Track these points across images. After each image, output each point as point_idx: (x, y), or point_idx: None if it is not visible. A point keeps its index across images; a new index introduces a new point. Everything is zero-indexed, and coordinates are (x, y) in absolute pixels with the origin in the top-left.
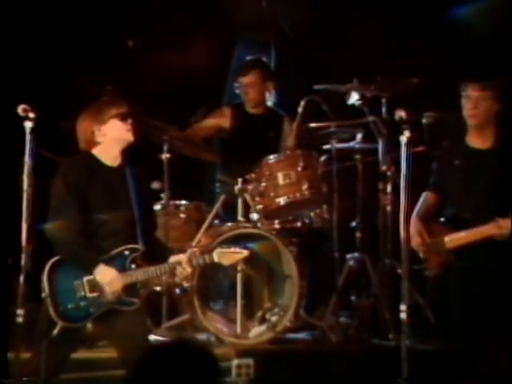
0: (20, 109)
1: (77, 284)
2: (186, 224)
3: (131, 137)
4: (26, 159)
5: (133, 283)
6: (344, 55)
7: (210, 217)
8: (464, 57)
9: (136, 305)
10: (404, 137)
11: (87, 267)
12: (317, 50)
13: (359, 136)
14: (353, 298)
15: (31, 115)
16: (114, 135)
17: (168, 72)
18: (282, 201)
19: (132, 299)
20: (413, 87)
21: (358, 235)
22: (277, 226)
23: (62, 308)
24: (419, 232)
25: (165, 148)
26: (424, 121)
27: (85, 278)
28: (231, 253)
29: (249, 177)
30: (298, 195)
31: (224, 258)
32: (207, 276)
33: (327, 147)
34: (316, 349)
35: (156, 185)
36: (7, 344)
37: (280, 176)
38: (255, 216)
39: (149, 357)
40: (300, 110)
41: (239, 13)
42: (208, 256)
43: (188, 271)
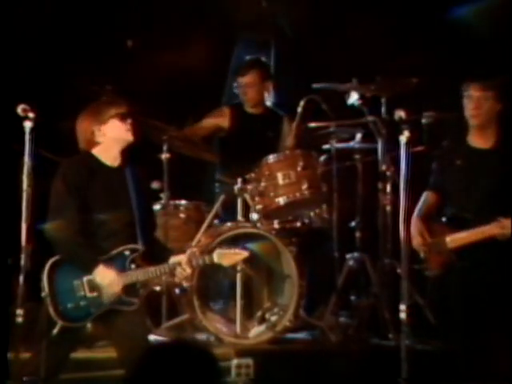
0: (19, 109)
1: (77, 284)
2: (186, 224)
3: (131, 137)
4: (26, 159)
5: (132, 283)
6: (343, 55)
7: (210, 217)
8: (464, 57)
9: (136, 305)
10: (403, 137)
11: (87, 267)
12: (316, 50)
13: (359, 136)
14: (352, 298)
15: (31, 115)
16: (114, 135)
17: (167, 72)
18: (282, 201)
19: (132, 299)
20: (412, 87)
21: (358, 235)
22: (276, 226)
23: (62, 307)
24: (420, 232)
25: (164, 148)
26: (423, 121)
27: (85, 278)
28: (231, 254)
29: (248, 177)
30: (298, 195)
31: (224, 259)
32: (207, 276)
33: (327, 147)
34: (316, 349)
35: (156, 185)
36: (7, 344)
37: (280, 176)
38: (255, 216)
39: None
40: (299, 110)
41: (239, 13)
42: (208, 257)
43: (188, 272)
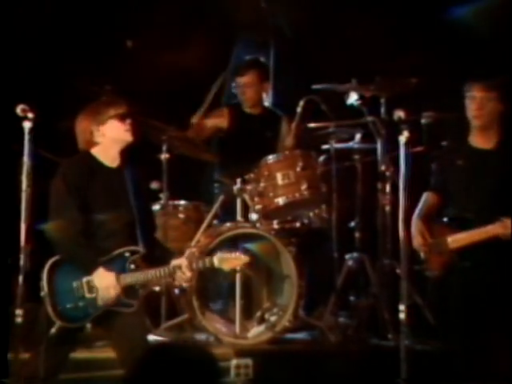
0: (19, 109)
1: (76, 284)
2: (185, 224)
3: (130, 137)
4: (25, 159)
5: (132, 285)
6: (343, 55)
7: (209, 217)
8: (463, 57)
9: (134, 307)
10: (403, 137)
11: (87, 268)
12: (316, 50)
13: (358, 136)
14: (352, 298)
15: (30, 115)
16: (113, 135)
17: (167, 72)
18: (281, 201)
19: (130, 301)
20: (411, 87)
21: (357, 235)
22: (276, 226)
23: (61, 308)
24: (421, 232)
25: (164, 148)
26: (423, 121)
27: (84, 279)
28: (232, 258)
29: (248, 177)
30: (297, 195)
31: (224, 263)
32: (206, 276)
33: (326, 147)
34: (315, 349)
35: (155, 185)
36: (7, 344)
37: (279, 176)
38: (254, 216)
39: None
40: (299, 110)
41: (238, 13)
42: (208, 260)
43: (187, 275)
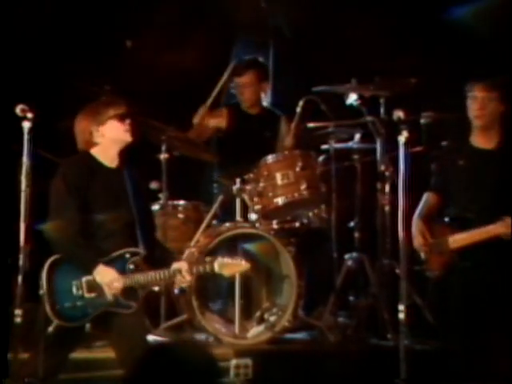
0: (18, 109)
1: (75, 283)
2: (185, 224)
3: (129, 137)
4: (24, 159)
5: (131, 286)
6: (342, 55)
7: (209, 217)
8: (462, 57)
9: (133, 308)
10: (402, 137)
11: (86, 268)
12: (315, 50)
13: (357, 136)
14: (351, 298)
15: (29, 115)
16: (113, 136)
17: (166, 72)
18: (281, 201)
19: (129, 302)
20: (411, 87)
21: (357, 235)
22: (275, 226)
23: (59, 306)
24: (421, 232)
25: (163, 148)
26: (422, 121)
27: (83, 278)
28: (232, 264)
29: (247, 177)
30: (297, 195)
31: (225, 269)
32: (206, 276)
33: (325, 147)
34: (314, 349)
35: (154, 185)
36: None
37: (278, 176)
38: (253, 216)
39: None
40: (298, 110)
41: (238, 13)
42: (209, 266)
43: (187, 280)
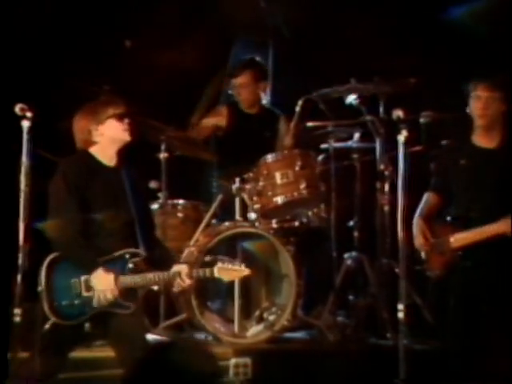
0: (17, 108)
1: (74, 282)
2: (184, 223)
3: (128, 137)
4: (24, 159)
5: (130, 287)
6: (342, 55)
7: (208, 216)
8: (462, 57)
9: (131, 309)
10: (401, 136)
11: (86, 268)
12: (315, 50)
13: (357, 135)
14: (350, 298)
15: (28, 114)
16: (111, 135)
17: (166, 72)
18: (280, 200)
19: (128, 303)
20: (410, 87)
21: (356, 234)
22: (274, 226)
23: (57, 304)
24: (422, 232)
25: (162, 147)
26: (421, 120)
27: (82, 277)
28: (232, 270)
29: (246, 176)
30: (296, 194)
31: (224, 274)
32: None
33: (325, 146)
34: (313, 348)
35: (154, 184)
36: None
37: (278, 175)
38: (253, 215)
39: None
40: (297, 110)
41: (237, 13)
42: (208, 270)
43: (187, 283)
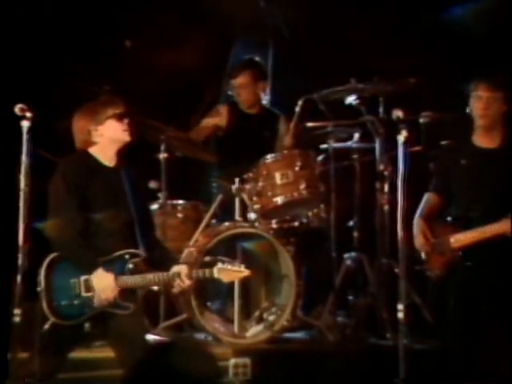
0: (17, 108)
1: (73, 282)
2: (183, 223)
3: (127, 137)
4: (23, 158)
5: (130, 288)
6: (342, 55)
7: (208, 216)
8: (462, 57)
9: (130, 309)
10: (401, 136)
11: (86, 268)
12: (314, 50)
13: (356, 135)
14: (350, 298)
15: (28, 114)
16: (111, 135)
17: (165, 72)
18: (280, 200)
19: (127, 304)
20: (410, 87)
21: (356, 235)
22: (274, 226)
23: (56, 304)
24: (422, 232)
25: (162, 148)
26: (421, 120)
27: (82, 277)
28: (232, 270)
29: (246, 176)
30: (296, 195)
31: (224, 275)
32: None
33: (324, 147)
34: (313, 348)
35: (153, 184)
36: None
37: (277, 175)
38: (252, 215)
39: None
40: (297, 110)
41: (237, 13)
42: (208, 271)
43: (186, 284)
